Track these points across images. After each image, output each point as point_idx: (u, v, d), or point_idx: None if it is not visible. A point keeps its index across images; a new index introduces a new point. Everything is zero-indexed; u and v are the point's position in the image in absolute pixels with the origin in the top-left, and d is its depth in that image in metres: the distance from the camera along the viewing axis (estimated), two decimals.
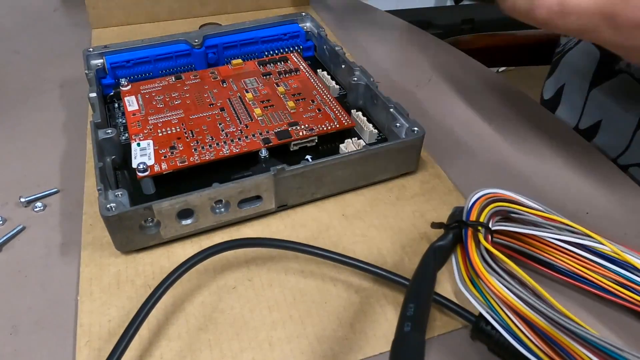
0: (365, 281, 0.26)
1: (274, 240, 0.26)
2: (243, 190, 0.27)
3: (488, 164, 0.34)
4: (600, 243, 0.24)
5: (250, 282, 0.26)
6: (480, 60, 0.46)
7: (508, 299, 0.21)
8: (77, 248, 0.28)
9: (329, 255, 0.25)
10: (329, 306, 0.25)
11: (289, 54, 0.40)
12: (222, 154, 0.30)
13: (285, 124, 0.32)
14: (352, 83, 0.35)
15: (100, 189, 0.26)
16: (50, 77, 0.42)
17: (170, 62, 0.38)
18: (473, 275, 0.22)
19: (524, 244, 0.25)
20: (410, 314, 0.19)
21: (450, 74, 0.44)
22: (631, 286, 0.23)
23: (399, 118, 0.31)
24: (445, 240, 0.24)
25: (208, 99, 0.34)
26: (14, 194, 0.31)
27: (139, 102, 0.34)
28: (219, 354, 0.23)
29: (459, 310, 0.23)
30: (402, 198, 0.31)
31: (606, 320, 0.24)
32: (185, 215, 0.27)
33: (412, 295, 0.21)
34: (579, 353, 0.19)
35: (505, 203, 0.25)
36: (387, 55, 0.46)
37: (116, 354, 0.21)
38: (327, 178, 0.29)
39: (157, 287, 0.23)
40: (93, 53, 0.37)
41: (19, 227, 0.29)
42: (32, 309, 0.25)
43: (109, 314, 0.24)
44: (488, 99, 0.41)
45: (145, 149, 0.30)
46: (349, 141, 0.32)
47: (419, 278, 0.22)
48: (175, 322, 0.24)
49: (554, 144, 0.36)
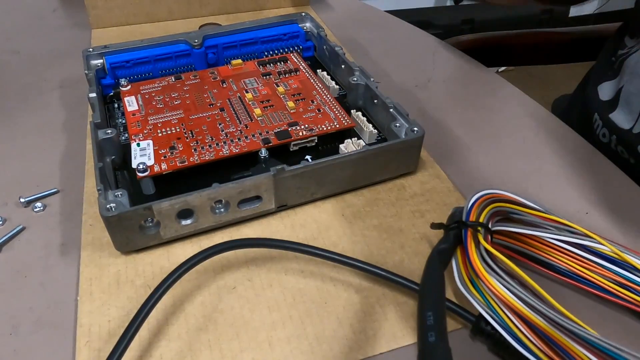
0: (365, 281, 0.26)
1: (274, 241, 0.26)
2: (243, 190, 0.27)
3: (488, 164, 0.34)
4: (600, 243, 0.24)
5: (250, 282, 0.26)
6: (480, 60, 0.46)
7: (508, 299, 0.21)
8: (77, 248, 0.28)
9: (329, 255, 0.25)
10: (328, 306, 0.25)
11: (289, 54, 0.40)
12: (222, 154, 0.30)
13: (285, 124, 0.32)
14: (352, 83, 0.35)
15: (100, 189, 0.26)
16: (50, 77, 0.43)
17: (170, 62, 0.38)
18: (473, 275, 0.22)
19: (523, 245, 0.25)
20: (430, 323, 0.19)
21: (450, 74, 0.44)
22: (631, 286, 0.23)
23: (399, 118, 0.31)
24: (447, 242, 0.24)
25: (208, 99, 0.34)
26: (14, 194, 0.31)
27: (138, 102, 0.34)
28: (219, 354, 0.23)
29: (458, 310, 0.23)
30: (402, 198, 0.31)
31: (606, 320, 0.24)
32: (185, 215, 0.27)
33: (428, 303, 0.20)
34: (578, 353, 0.19)
35: (504, 203, 0.25)
36: (387, 55, 0.46)
37: (116, 354, 0.21)
38: (327, 178, 0.29)
39: (157, 287, 0.23)
40: (93, 53, 0.37)
41: (19, 227, 0.29)
42: (32, 309, 0.25)
43: (108, 314, 0.24)
44: (488, 99, 0.41)
45: (145, 149, 0.30)
46: (348, 141, 0.32)
47: (430, 284, 0.22)
48: (175, 322, 0.24)
49: (554, 144, 0.36)
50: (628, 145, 0.40)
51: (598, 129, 0.43)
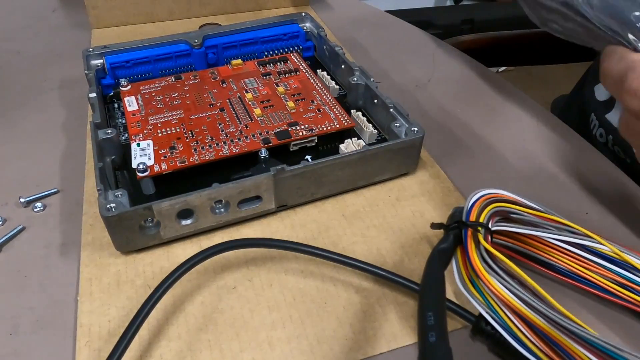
0: (365, 281, 0.26)
1: (274, 241, 0.26)
2: (243, 190, 0.27)
3: (488, 164, 0.34)
4: (600, 243, 0.24)
5: (250, 282, 0.26)
6: (480, 60, 0.46)
7: (508, 299, 0.21)
8: (77, 248, 0.28)
9: (329, 256, 0.25)
10: (328, 306, 0.25)
11: (289, 54, 0.40)
12: (222, 154, 0.30)
13: (285, 124, 0.32)
14: (352, 83, 0.35)
15: (100, 189, 0.26)
16: (50, 77, 0.43)
17: (170, 62, 0.38)
18: (473, 275, 0.22)
19: (523, 245, 0.25)
20: (431, 323, 0.19)
21: (450, 74, 0.44)
22: (631, 286, 0.23)
23: (399, 118, 0.31)
24: (447, 242, 0.24)
25: (208, 99, 0.34)
26: (14, 194, 0.31)
27: (138, 103, 0.34)
28: (219, 355, 0.23)
29: (458, 310, 0.23)
30: (402, 198, 0.31)
31: (606, 320, 0.24)
32: (185, 215, 0.27)
33: (429, 304, 0.20)
34: (578, 353, 0.19)
35: (504, 203, 0.25)
36: (387, 55, 0.46)
37: (116, 354, 0.21)
38: (327, 178, 0.29)
39: (157, 287, 0.23)
40: (93, 53, 0.37)
41: (19, 227, 0.29)
42: (32, 309, 0.25)
43: (108, 314, 0.24)
44: (488, 99, 0.41)
45: (145, 149, 0.30)
46: (348, 141, 0.32)
47: (430, 285, 0.22)
48: (175, 322, 0.24)
49: (554, 144, 0.36)
50: (624, 145, 0.40)
51: (595, 129, 0.43)
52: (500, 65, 1.09)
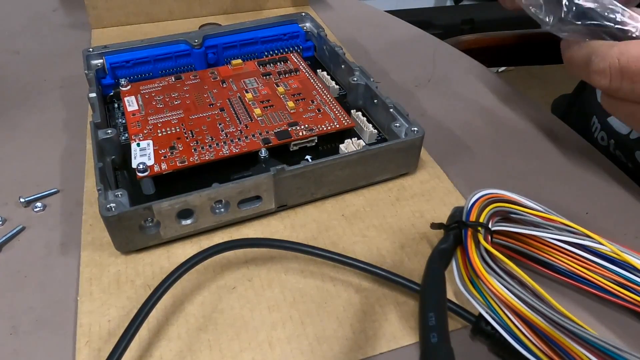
0: (365, 281, 0.26)
1: (274, 241, 0.26)
2: (243, 190, 0.27)
3: (488, 164, 0.34)
4: (600, 243, 0.24)
5: (250, 282, 0.26)
6: (480, 60, 0.46)
7: (508, 299, 0.21)
8: (77, 248, 0.28)
9: (329, 256, 0.25)
10: (328, 306, 0.25)
11: (289, 54, 0.40)
12: (222, 154, 0.30)
13: (285, 124, 0.32)
14: (352, 83, 0.35)
15: (100, 189, 0.26)
16: (50, 77, 0.42)
17: (170, 62, 0.38)
18: (473, 275, 0.22)
19: (523, 245, 0.25)
20: (432, 323, 0.19)
21: (450, 74, 0.44)
22: (631, 286, 0.23)
23: (399, 118, 0.31)
24: (447, 242, 0.24)
25: (208, 99, 0.34)
26: (14, 194, 0.31)
27: (138, 102, 0.34)
28: (219, 355, 0.23)
29: (458, 310, 0.23)
30: (402, 198, 0.31)
31: (606, 320, 0.24)
32: (185, 215, 0.27)
33: (430, 304, 0.20)
34: (578, 353, 0.19)
35: (504, 203, 0.25)
36: (387, 55, 0.46)
37: (116, 354, 0.21)
38: (326, 178, 0.29)
39: (157, 287, 0.23)
40: (93, 53, 0.37)
41: (19, 227, 0.29)
42: (32, 309, 0.25)
43: (108, 314, 0.24)
44: (488, 99, 0.41)
45: (145, 149, 0.30)
46: (348, 141, 0.32)
47: (431, 285, 0.22)
48: (175, 322, 0.24)
49: (554, 144, 0.36)
50: (626, 150, 0.40)
51: (596, 131, 0.43)
52: (500, 65, 1.09)
